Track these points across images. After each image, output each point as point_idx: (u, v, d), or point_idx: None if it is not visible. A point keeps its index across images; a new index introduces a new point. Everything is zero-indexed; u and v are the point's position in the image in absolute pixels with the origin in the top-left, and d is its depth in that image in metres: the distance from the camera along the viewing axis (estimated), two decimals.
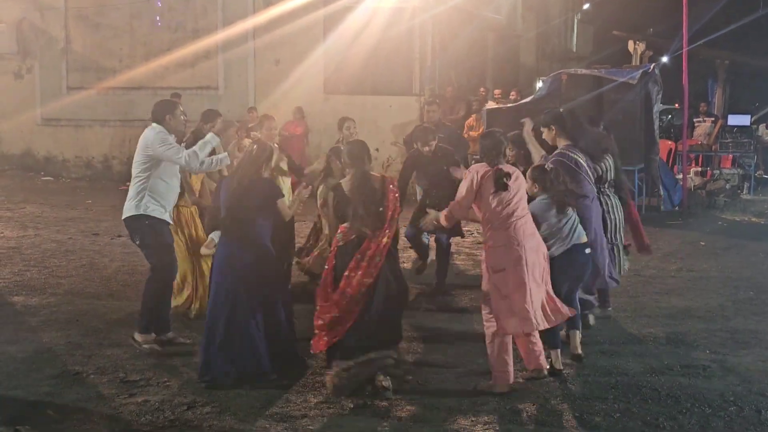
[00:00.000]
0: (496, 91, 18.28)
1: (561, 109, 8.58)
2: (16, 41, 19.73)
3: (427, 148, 8.68)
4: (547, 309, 6.26)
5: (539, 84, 17.93)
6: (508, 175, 6.16)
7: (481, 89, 18.69)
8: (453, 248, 9.86)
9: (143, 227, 6.99)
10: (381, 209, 6.25)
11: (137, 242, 7.08)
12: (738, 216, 14.66)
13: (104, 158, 19.56)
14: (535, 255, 6.22)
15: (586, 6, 28.89)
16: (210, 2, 18.53)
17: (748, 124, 18.72)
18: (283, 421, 5.61)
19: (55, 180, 19.32)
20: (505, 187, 6.12)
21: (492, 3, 19.84)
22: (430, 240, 9.33)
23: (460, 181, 7.03)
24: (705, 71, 26.23)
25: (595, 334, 7.46)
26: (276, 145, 8.52)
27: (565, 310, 6.36)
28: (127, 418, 5.60)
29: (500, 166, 6.23)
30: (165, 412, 5.70)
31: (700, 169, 17.63)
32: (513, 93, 18.00)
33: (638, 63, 21.73)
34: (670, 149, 17.20)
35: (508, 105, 15.38)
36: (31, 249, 11.23)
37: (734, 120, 18.93)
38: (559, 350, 6.55)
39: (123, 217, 7.09)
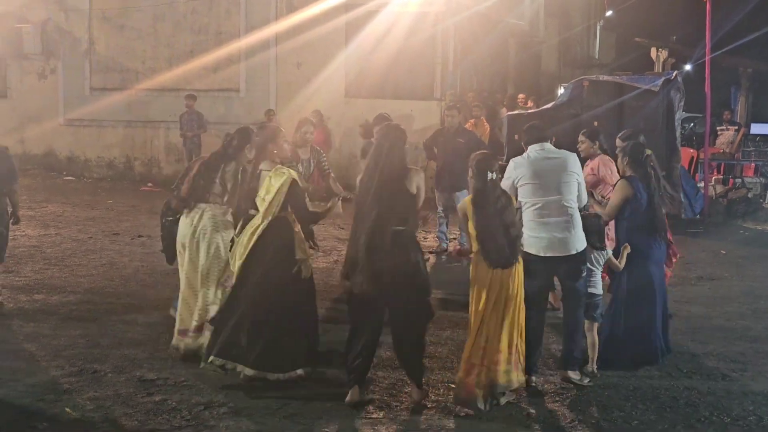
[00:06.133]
0: (520, 96, 18.11)
1: None
2: (41, 42, 19.88)
3: None
4: None
5: (561, 90, 17.87)
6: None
7: (516, 99, 18.49)
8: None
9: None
10: None
11: (584, 274, 6.37)
12: (760, 225, 14.54)
13: (126, 159, 19.68)
14: None
15: (608, 13, 28.86)
16: (233, 6, 18.61)
17: None
18: (299, 422, 5.62)
19: (76, 180, 19.45)
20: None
21: (515, 9, 19.82)
22: None
23: None
24: (728, 79, 26.05)
25: None
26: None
27: None
28: (143, 417, 5.61)
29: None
30: (182, 412, 5.72)
31: (722, 177, 17.51)
32: (521, 96, 17.85)
33: (660, 70, 21.68)
34: (692, 157, 17.07)
35: (530, 111, 15.27)
36: (52, 248, 11.30)
37: (757, 128, 18.89)
38: None
39: (573, 252, 6.22)
